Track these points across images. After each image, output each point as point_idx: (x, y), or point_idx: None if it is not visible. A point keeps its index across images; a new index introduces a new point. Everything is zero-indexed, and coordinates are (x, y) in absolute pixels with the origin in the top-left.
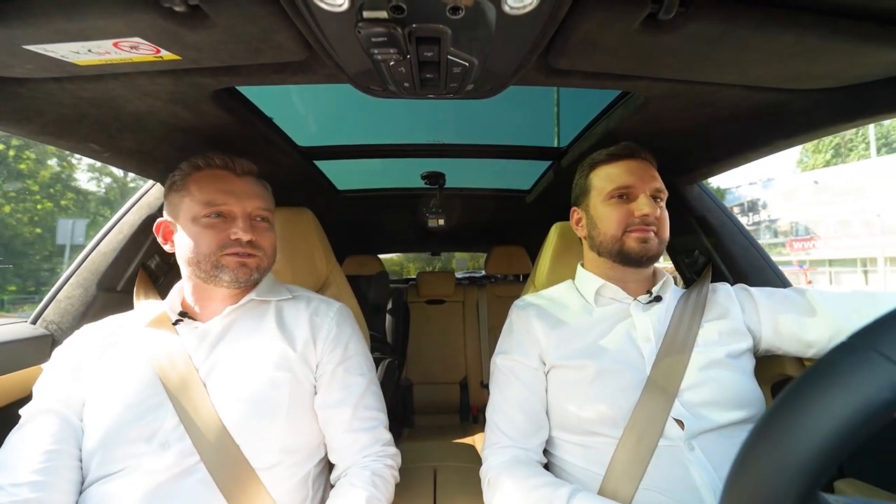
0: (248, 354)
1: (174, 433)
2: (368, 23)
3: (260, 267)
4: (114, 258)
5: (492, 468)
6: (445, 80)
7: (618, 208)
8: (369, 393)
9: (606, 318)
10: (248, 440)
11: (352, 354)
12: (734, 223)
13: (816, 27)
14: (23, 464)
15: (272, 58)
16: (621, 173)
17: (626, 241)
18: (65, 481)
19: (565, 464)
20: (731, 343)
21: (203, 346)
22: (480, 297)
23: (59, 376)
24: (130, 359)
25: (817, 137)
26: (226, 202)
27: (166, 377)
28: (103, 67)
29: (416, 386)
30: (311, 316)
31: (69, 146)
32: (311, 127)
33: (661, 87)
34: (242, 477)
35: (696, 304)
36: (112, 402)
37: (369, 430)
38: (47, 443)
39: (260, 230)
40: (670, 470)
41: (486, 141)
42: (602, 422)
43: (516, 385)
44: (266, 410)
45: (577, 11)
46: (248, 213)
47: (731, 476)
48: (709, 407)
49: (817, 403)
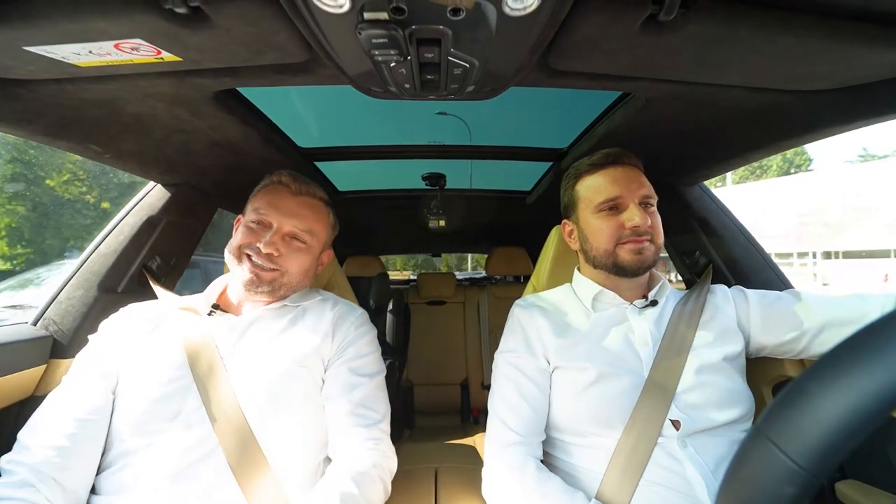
0: (269, 348)
1: (195, 415)
2: (369, 24)
3: (275, 283)
4: (115, 259)
5: (500, 471)
6: (446, 82)
7: (608, 221)
8: (371, 394)
9: (604, 322)
10: (264, 428)
11: (362, 355)
12: (735, 224)
13: (817, 28)
14: (53, 428)
15: (273, 59)
16: (607, 184)
17: (620, 254)
18: (88, 450)
19: (564, 464)
20: (726, 346)
21: (231, 337)
22: (481, 298)
23: (100, 350)
24: (165, 341)
25: (818, 138)
26: (268, 213)
27: (194, 361)
28: (104, 69)
29: (416, 387)
30: (333, 318)
31: (70, 147)
32: (312, 128)
33: (661, 88)
34: (255, 464)
35: (694, 307)
36: (144, 380)
37: (363, 427)
38: (78, 412)
39: (290, 249)
40: (666, 466)
41: (487, 142)
42: (601, 423)
43: (523, 381)
44: (282, 401)
45: (577, 12)
46: (284, 230)
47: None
48: (704, 408)
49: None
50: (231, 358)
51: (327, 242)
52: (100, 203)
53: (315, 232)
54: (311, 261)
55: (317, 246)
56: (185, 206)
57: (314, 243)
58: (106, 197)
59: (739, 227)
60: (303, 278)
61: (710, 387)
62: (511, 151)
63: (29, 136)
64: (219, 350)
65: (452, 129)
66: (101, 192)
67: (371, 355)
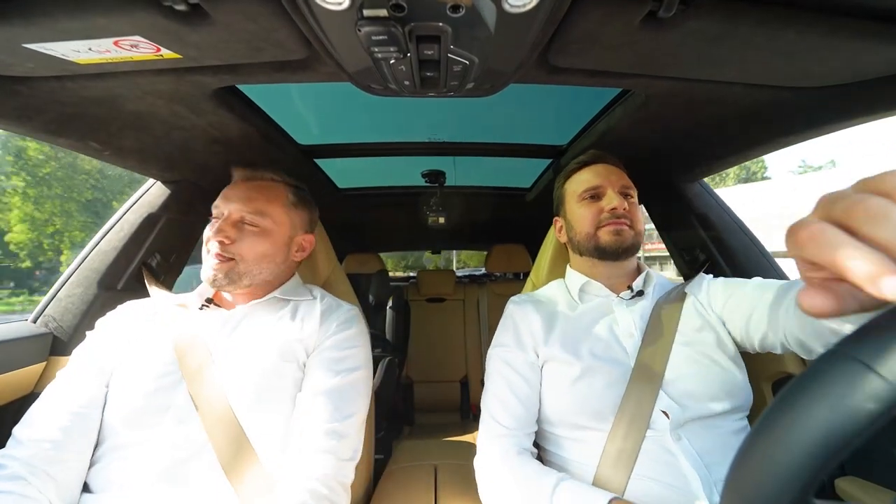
0: (259, 343)
1: (184, 410)
2: (369, 21)
3: (232, 272)
4: (114, 257)
5: (486, 459)
6: (446, 79)
7: (589, 207)
8: (344, 391)
9: (590, 314)
10: (253, 425)
11: (340, 349)
12: (734, 220)
13: (817, 25)
14: (46, 421)
15: (272, 56)
16: (590, 177)
17: (601, 236)
18: (81, 443)
19: (557, 458)
20: (709, 334)
21: (223, 332)
22: (481, 295)
23: (96, 344)
24: (157, 336)
25: (818, 135)
26: (219, 205)
27: (184, 357)
28: (104, 66)
29: (416, 384)
30: (320, 314)
31: (70, 144)
32: (312, 125)
33: (661, 85)
34: (246, 460)
35: (678, 295)
36: (136, 375)
37: (324, 424)
38: (72, 405)
39: (242, 235)
40: (660, 459)
41: (487, 139)
42: (590, 416)
43: (512, 376)
44: (269, 398)
45: (577, 9)
46: (232, 217)
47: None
48: (693, 397)
49: (804, 413)
50: (222, 353)
51: (295, 225)
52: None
53: (267, 212)
54: (271, 245)
55: (275, 228)
56: (185, 204)
57: (269, 225)
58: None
59: (739, 224)
60: (266, 264)
61: (696, 375)
62: (511, 148)
63: (29, 134)
64: (210, 345)
65: (452, 126)
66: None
67: (350, 350)
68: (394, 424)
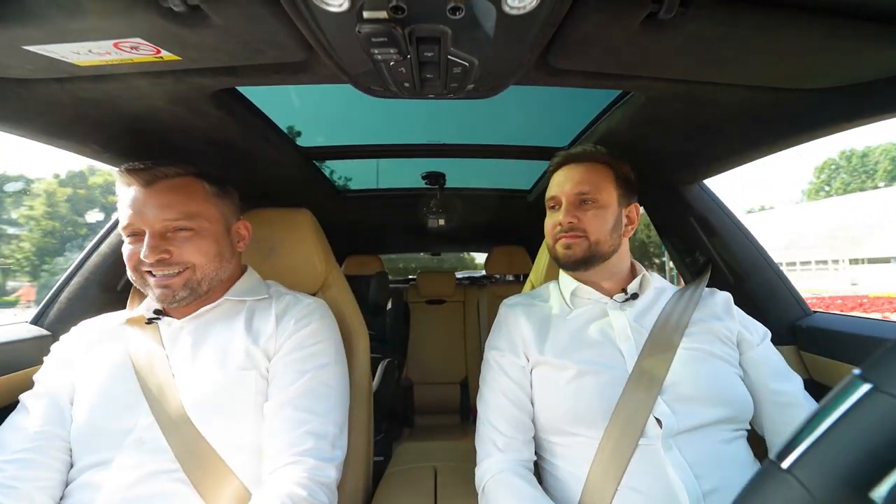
0: (215, 354)
1: (148, 431)
2: (369, 23)
3: (189, 283)
4: (114, 259)
5: (488, 476)
6: (446, 80)
7: (550, 219)
8: (311, 390)
9: (583, 318)
10: (220, 439)
11: (302, 347)
12: (734, 223)
13: (818, 26)
14: (14, 443)
15: (272, 58)
16: (552, 185)
17: (556, 248)
18: (53, 460)
19: (550, 465)
20: (718, 343)
21: (177, 345)
22: (481, 297)
23: (56, 365)
24: (112, 355)
25: (818, 137)
26: (133, 221)
27: (142, 375)
28: (103, 68)
29: (416, 386)
30: (277, 313)
31: (69, 147)
32: (312, 127)
33: (661, 87)
34: (217, 475)
35: (689, 301)
36: (94, 396)
37: (293, 431)
38: (38, 425)
39: (180, 242)
40: (647, 470)
41: (487, 141)
42: (581, 422)
43: (504, 380)
44: (233, 410)
45: (577, 11)
46: (157, 230)
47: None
48: (691, 402)
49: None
50: (178, 367)
51: (226, 214)
52: None
53: (194, 213)
54: (213, 242)
55: (210, 225)
56: None
57: (203, 224)
58: None
59: (739, 226)
60: (219, 263)
61: (698, 378)
62: (511, 150)
63: (29, 136)
64: (167, 361)
65: (452, 128)
66: None
67: (314, 347)
68: (393, 426)
